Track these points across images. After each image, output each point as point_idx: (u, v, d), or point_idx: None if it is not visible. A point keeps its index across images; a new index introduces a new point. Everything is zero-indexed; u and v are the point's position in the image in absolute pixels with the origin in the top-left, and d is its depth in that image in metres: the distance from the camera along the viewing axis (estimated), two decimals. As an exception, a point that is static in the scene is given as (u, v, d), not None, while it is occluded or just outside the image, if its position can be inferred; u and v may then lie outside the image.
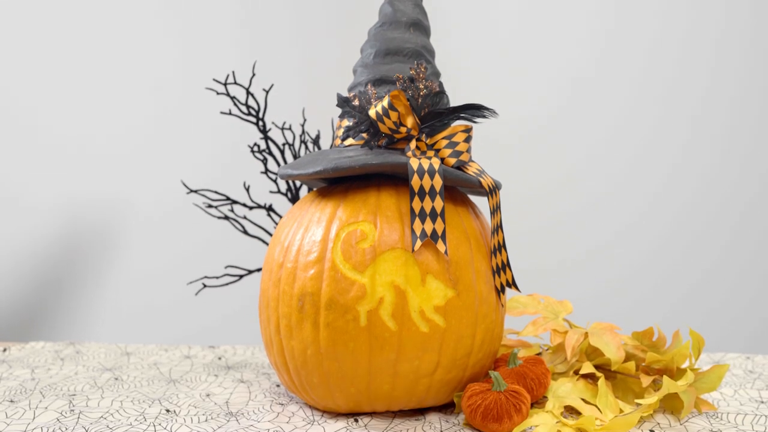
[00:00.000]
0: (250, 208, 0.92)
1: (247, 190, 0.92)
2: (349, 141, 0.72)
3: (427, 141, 0.70)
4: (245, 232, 0.92)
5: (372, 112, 0.68)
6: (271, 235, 0.91)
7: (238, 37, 1.55)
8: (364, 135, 0.71)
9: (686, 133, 1.49)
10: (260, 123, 0.90)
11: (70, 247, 1.56)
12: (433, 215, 0.66)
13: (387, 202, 0.68)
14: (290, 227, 0.71)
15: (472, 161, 0.73)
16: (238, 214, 0.93)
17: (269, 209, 0.92)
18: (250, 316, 1.01)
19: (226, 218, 0.92)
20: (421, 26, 0.75)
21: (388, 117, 0.68)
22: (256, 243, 0.97)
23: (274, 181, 0.92)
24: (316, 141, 0.92)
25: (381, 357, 0.65)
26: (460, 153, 0.70)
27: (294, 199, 0.91)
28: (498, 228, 0.70)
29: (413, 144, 0.69)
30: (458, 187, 0.74)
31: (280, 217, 0.91)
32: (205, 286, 0.92)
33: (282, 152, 0.91)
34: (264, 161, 0.91)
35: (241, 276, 0.91)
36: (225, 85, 0.88)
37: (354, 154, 0.69)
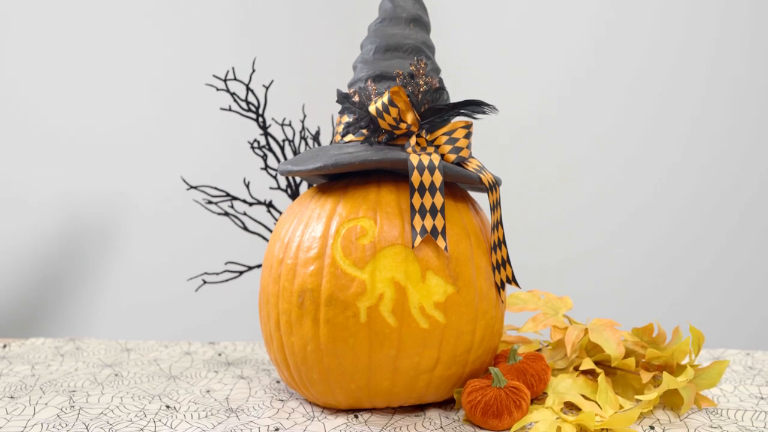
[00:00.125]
0: (250, 204, 0.92)
1: (247, 186, 0.92)
2: (349, 137, 0.72)
3: (427, 137, 0.70)
4: (245, 229, 0.92)
5: (372, 108, 0.68)
6: (271, 231, 0.91)
7: (238, 34, 1.54)
8: (364, 131, 0.70)
9: (686, 131, 1.49)
10: (260, 119, 0.90)
11: (70, 244, 1.56)
12: (433, 211, 0.66)
13: (387, 198, 0.68)
14: (290, 223, 0.71)
15: (472, 157, 0.73)
16: (238, 210, 0.93)
17: (269, 205, 0.92)
18: (250, 312, 1.01)
19: (226, 214, 0.92)
20: (421, 22, 0.75)
21: (388, 113, 0.67)
22: (256, 239, 0.97)
23: (274, 177, 0.92)
24: (316, 137, 0.92)
25: (381, 353, 0.65)
26: (460, 149, 0.70)
27: (294, 195, 0.91)
28: (498, 224, 0.70)
29: (413, 140, 0.69)
30: (458, 183, 0.74)
31: (280, 213, 0.90)
32: (205, 283, 0.92)
33: (282, 148, 0.91)
34: (264, 157, 0.91)
35: (241, 272, 0.91)
36: (225, 81, 0.88)
37: (354, 150, 0.69)
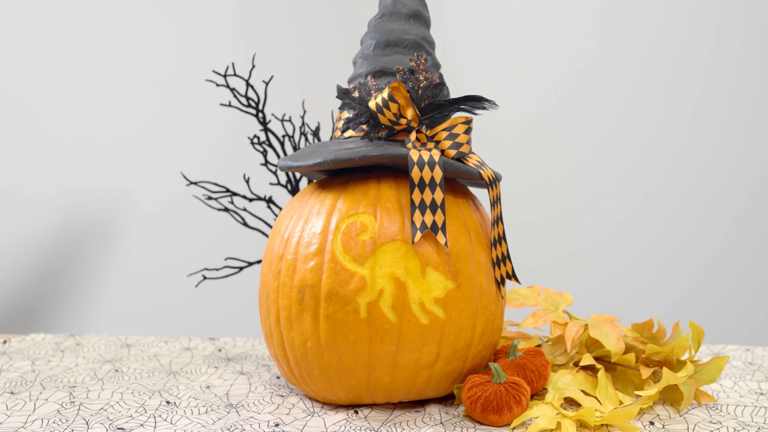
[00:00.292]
0: (250, 200, 0.92)
1: (247, 181, 0.92)
2: (349, 133, 0.72)
3: (428, 133, 0.70)
4: (245, 224, 0.92)
5: (372, 104, 0.68)
6: (271, 227, 0.91)
7: (238, 29, 1.54)
8: (364, 127, 0.70)
9: (686, 126, 1.49)
10: (260, 115, 0.90)
11: (70, 240, 1.56)
12: (433, 207, 0.66)
13: (387, 193, 0.68)
14: (290, 219, 0.71)
15: (472, 153, 0.73)
16: (238, 206, 0.93)
17: (269, 201, 0.92)
18: (250, 308, 1.01)
19: (226, 210, 0.92)
20: (421, 18, 0.75)
21: (388, 108, 0.67)
22: (256, 235, 0.97)
23: (274, 173, 0.92)
24: (316, 133, 0.92)
25: (381, 349, 0.65)
26: (461, 145, 0.70)
27: (294, 190, 0.91)
28: (498, 220, 0.70)
29: (413, 136, 0.69)
30: (458, 178, 0.74)
31: (280, 209, 0.90)
32: (205, 278, 0.92)
33: (282, 144, 0.91)
34: (264, 153, 0.91)
35: (241, 268, 0.91)
36: (225, 76, 0.88)
37: (354, 145, 0.69)
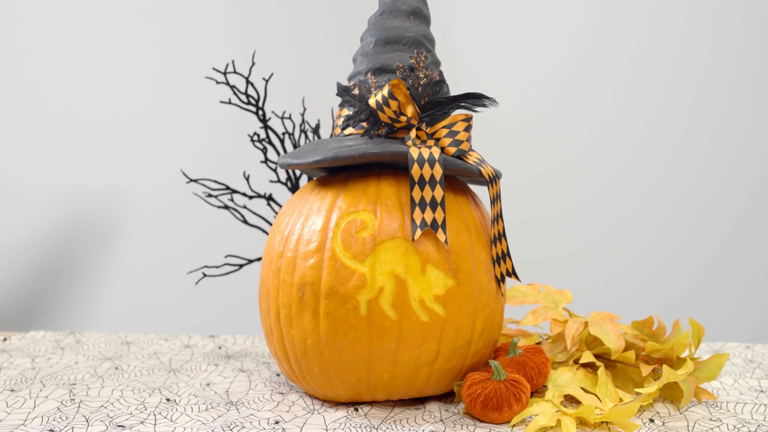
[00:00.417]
0: (250, 197, 0.92)
1: (247, 179, 0.92)
2: (349, 130, 0.72)
3: (428, 130, 0.70)
4: (245, 222, 0.92)
5: (372, 101, 0.68)
6: (271, 224, 0.91)
7: (238, 27, 1.54)
8: (364, 124, 0.70)
9: (686, 124, 1.49)
10: (260, 112, 0.90)
11: (70, 238, 1.56)
12: (433, 204, 0.66)
13: (387, 191, 0.68)
14: (290, 216, 0.71)
15: (473, 150, 0.73)
16: (238, 203, 0.93)
17: (269, 198, 0.92)
18: (250, 305, 1.01)
19: (226, 208, 0.92)
20: (421, 15, 0.75)
21: (388, 106, 0.67)
22: (256, 232, 0.97)
23: (274, 170, 0.92)
24: (315, 130, 0.92)
25: (381, 346, 0.65)
26: (461, 142, 0.70)
27: (294, 188, 0.91)
28: (498, 217, 0.70)
29: (413, 133, 0.69)
30: (458, 176, 0.74)
31: (280, 206, 0.90)
32: (205, 276, 0.92)
33: (282, 141, 0.91)
34: (264, 150, 0.91)
35: (241, 265, 0.91)
36: (224, 74, 0.88)
37: (354, 143, 0.69)
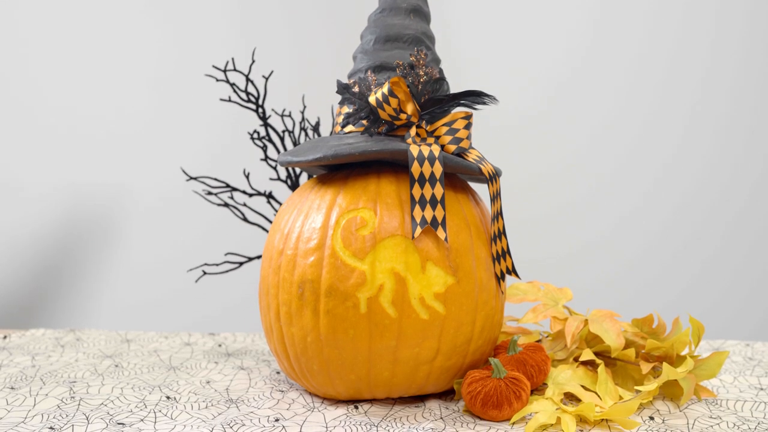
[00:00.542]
0: (250, 195, 0.92)
1: (247, 177, 0.92)
2: (349, 128, 0.72)
3: (428, 128, 0.70)
4: (245, 220, 0.92)
5: (372, 99, 0.68)
6: (271, 222, 0.91)
7: (237, 25, 1.54)
8: (364, 122, 0.70)
9: (687, 123, 1.49)
10: (260, 110, 0.90)
11: (70, 236, 1.56)
12: (433, 202, 0.66)
13: (387, 189, 0.68)
14: (290, 214, 0.71)
15: (472, 148, 0.73)
16: (238, 201, 0.93)
17: (269, 196, 0.92)
18: (250, 303, 1.01)
19: (226, 205, 0.92)
20: (421, 12, 0.75)
21: (388, 104, 0.67)
22: (256, 230, 0.97)
23: (274, 168, 0.92)
24: (315, 128, 0.92)
25: (381, 344, 0.65)
26: (461, 140, 0.70)
27: (294, 186, 0.91)
28: (498, 215, 0.70)
29: (413, 131, 0.69)
30: (458, 174, 0.73)
31: (280, 204, 0.90)
32: (205, 274, 0.92)
33: (282, 139, 0.91)
34: (264, 148, 0.91)
35: (241, 263, 0.91)
36: (224, 72, 0.88)
37: (354, 141, 0.69)
